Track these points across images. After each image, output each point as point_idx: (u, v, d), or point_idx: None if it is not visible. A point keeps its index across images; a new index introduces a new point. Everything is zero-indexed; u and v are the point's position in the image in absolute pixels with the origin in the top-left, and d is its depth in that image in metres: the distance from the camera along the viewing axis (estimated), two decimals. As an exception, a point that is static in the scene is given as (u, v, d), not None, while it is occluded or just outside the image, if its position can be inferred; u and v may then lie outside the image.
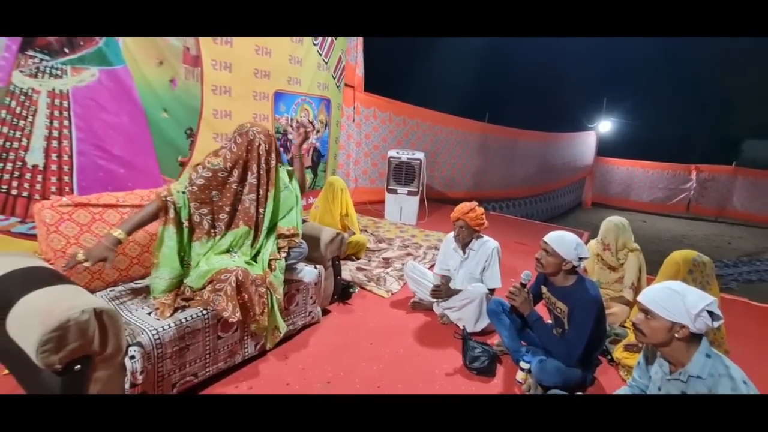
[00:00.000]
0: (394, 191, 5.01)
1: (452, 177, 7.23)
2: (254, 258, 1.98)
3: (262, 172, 1.97)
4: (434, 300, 2.70)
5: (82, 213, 1.84)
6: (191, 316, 1.69)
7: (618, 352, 2.27)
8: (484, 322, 2.42)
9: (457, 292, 2.51)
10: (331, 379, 1.96)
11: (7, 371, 1.69)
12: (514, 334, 2.22)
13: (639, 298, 1.42)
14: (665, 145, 14.47)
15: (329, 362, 2.08)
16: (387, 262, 3.55)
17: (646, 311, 1.39)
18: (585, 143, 12.92)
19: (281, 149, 4.08)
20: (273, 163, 2.01)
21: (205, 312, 1.74)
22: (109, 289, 1.89)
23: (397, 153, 4.95)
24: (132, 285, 1.94)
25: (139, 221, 1.74)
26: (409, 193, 4.98)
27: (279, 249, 2.04)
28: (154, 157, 2.71)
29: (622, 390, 1.69)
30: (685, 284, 1.37)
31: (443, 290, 2.52)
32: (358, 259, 3.55)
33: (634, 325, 1.44)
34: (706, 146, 14.33)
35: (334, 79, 4.66)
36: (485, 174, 8.13)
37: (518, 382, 2.04)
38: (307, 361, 2.08)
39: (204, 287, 1.76)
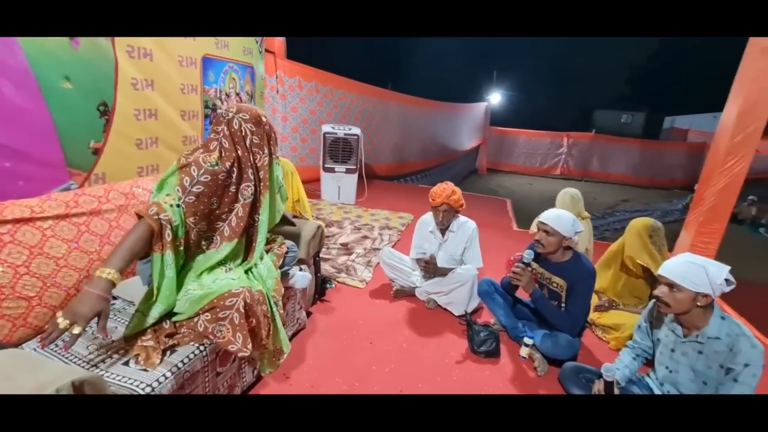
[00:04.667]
0: (332, 170, 4.70)
1: (380, 150, 7.10)
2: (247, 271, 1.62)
3: (252, 171, 1.55)
4: (416, 285, 2.64)
5: (29, 231, 1.30)
6: (188, 357, 1.31)
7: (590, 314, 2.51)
8: (474, 303, 2.44)
9: (445, 270, 2.47)
10: (347, 391, 1.76)
11: None
12: (509, 312, 2.29)
13: (663, 273, 1.53)
14: (542, 115, 16.55)
15: (337, 372, 1.87)
16: (346, 248, 3.34)
17: (671, 285, 1.50)
18: (480, 113, 13.94)
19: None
20: (265, 159, 1.58)
21: (201, 348, 1.37)
22: (38, 338, 1.36)
23: (333, 128, 4.61)
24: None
25: (130, 251, 1.22)
26: (348, 171, 4.72)
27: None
28: (56, 144, 2.00)
29: (625, 352, 1.85)
30: (702, 257, 1.52)
31: (432, 266, 2.46)
32: (314, 247, 3.26)
33: (657, 298, 1.55)
34: (571, 116, 16.82)
35: (257, 43, 4.05)
36: (405, 145, 8.19)
37: (523, 357, 2.11)
38: (313, 376, 1.84)
39: (197, 314, 1.37)
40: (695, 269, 1.47)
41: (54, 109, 2.03)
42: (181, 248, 1.38)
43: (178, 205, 1.36)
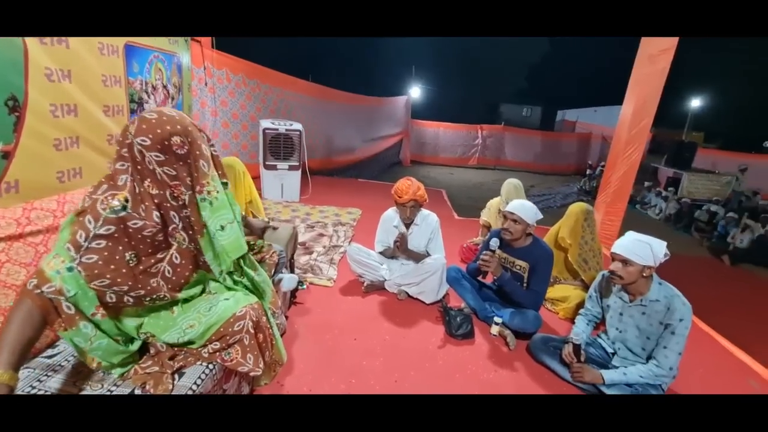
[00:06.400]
0: (273, 167, 4.50)
1: (309, 145, 6.91)
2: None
3: (173, 212, 1.19)
4: (385, 279, 2.70)
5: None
6: (199, 378, 1.22)
7: (538, 289, 2.82)
8: (443, 290, 2.59)
9: (412, 252, 2.59)
10: (345, 389, 1.78)
11: None
12: (477, 295, 2.48)
13: (617, 251, 1.80)
14: (456, 108, 17.63)
15: (331, 373, 1.87)
16: (305, 247, 3.27)
17: (624, 261, 1.78)
18: (401, 107, 14.33)
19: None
20: (186, 195, 1.17)
21: (210, 367, 1.28)
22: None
23: (273, 124, 4.40)
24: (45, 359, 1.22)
25: (17, 342, 0.94)
26: (291, 168, 4.57)
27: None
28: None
29: (579, 319, 2.15)
30: (646, 235, 1.82)
31: (404, 244, 2.55)
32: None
33: (612, 272, 1.83)
34: (481, 110, 18.21)
35: (184, 30, 3.70)
36: (333, 139, 8.11)
37: (493, 335, 2.32)
38: (308, 380, 1.81)
39: (205, 345, 1.27)
40: (642, 246, 1.76)
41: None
42: (98, 317, 1.09)
43: (70, 269, 1.03)
